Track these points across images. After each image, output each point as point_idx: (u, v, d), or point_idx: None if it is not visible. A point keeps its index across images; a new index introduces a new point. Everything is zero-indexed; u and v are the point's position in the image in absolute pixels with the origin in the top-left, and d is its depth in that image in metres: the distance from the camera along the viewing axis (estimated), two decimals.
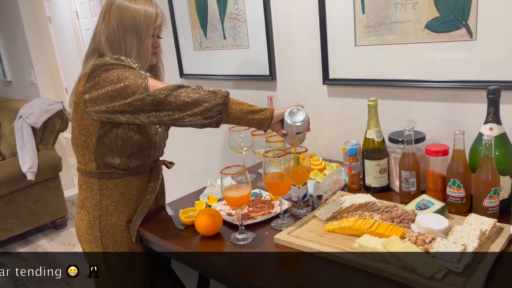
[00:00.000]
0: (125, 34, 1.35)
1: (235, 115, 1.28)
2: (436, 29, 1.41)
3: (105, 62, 1.30)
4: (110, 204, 1.43)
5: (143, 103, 1.25)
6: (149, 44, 1.39)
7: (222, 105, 1.24)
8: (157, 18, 1.39)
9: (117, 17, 1.35)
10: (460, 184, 1.24)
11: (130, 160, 1.40)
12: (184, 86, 1.27)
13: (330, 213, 1.28)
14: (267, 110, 1.29)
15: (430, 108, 1.51)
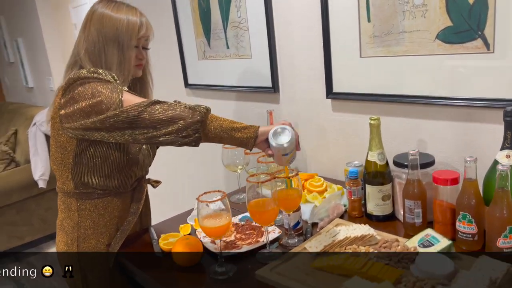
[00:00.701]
0: (106, 45, 1.26)
1: (215, 133, 1.17)
2: (448, 40, 1.25)
3: (80, 75, 1.21)
4: (89, 226, 1.34)
5: (116, 120, 1.15)
6: (132, 56, 1.30)
7: (199, 123, 1.13)
8: (141, 28, 1.29)
9: (97, 27, 1.26)
10: (471, 219, 1.07)
11: (109, 179, 1.31)
12: (160, 102, 1.16)
13: (321, 246, 1.14)
14: (251, 128, 1.17)
15: (443, 128, 1.35)
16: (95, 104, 1.17)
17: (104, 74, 1.23)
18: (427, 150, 1.39)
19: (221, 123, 1.18)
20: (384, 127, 1.45)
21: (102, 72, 1.23)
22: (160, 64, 2.49)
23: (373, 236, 1.16)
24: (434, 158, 1.27)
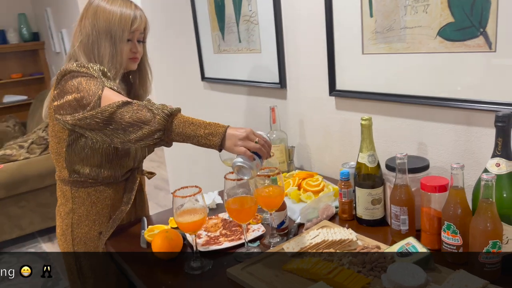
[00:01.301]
0: (99, 38, 1.28)
1: (180, 138, 1.12)
2: (449, 37, 1.17)
3: (68, 68, 1.24)
4: (83, 213, 1.38)
5: (92, 121, 1.15)
6: (124, 49, 1.30)
7: (161, 131, 1.10)
8: (134, 22, 1.30)
9: (91, 20, 1.28)
10: (456, 229, 1.00)
11: (100, 169, 1.34)
12: (131, 103, 1.14)
13: (298, 248, 1.11)
14: (217, 136, 1.09)
15: (442, 131, 1.27)
16: (79, 99, 1.18)
17: (92, 68, 1.24)
18: (427, 153, 1.31)
19: (187, 130, 1.10)
20: (384, 127, 1.40)
21: (90, 66, 1.24)
22: (179, 58, 2.52)
23: (352, 241, 1.12)
24: (428, 163, 1.20)
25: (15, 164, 3.25)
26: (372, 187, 1.23)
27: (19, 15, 5.33)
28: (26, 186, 3.24)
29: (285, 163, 1.68)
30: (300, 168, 1.81)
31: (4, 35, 5.29)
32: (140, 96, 1.48)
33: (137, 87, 1.47)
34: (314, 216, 1.32)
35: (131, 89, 1.48)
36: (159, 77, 2.84)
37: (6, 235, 3.28)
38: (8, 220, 3.27)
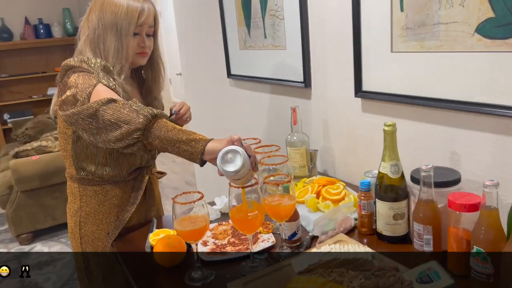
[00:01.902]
0: (105, 32, 1.23)
1: (159, 143, 1.05)
2: (489, 35, 1.02)
3: (69, 63, 1.20)
4: (90, 212, 1.35)
5: (78, 118, 1.10)
6: (130, 44, 1.25)
7: (140, 131, 1.04)
8: (142, 14, 1.24)
9: (98, 13, 1.24)
10: (486, 256, 0.87)
11: (104, 168, 1.30)
12: (114, 101, 1.08)
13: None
14: (200, 142, 1.02)
15: (479, 141, 1.12)
16: (75, 94, 1.14)
17: (92, 63, 1.20)
18: (460, 165, 1.17)
19: (169, 133, 1.04)
20: (413, 134, 1.27)
21: (91, 62, 1.20)
22: (205, 53, 2.47)
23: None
24: (459, 176, 1.07)
25: (49, 156, 3.33)
26: (394, 200, 1.11)
27: (63, 9, 5.49)
28: (59, 177, 3.30)
29: (306, 168, 1.57)
30: (323, 172, 1.70)
31: (49, 29, 5.48)
32: (152, 92, 1.43)
33: (150, 83, 1.42)
34: (330, 228, 1.21)
35: (143, 84, 1.43)
36: (188, 72, 2.80)
37: (40, 224, 3.36)
38: (42, 210, 3.36)
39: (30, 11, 5.35)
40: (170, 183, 4.31)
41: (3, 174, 3.50)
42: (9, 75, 5.29)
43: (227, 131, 2.35)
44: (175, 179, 4.45)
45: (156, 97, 1.44)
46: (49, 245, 3.32)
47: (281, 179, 1.10)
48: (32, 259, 3.13)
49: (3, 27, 5.19)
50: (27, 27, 5.33)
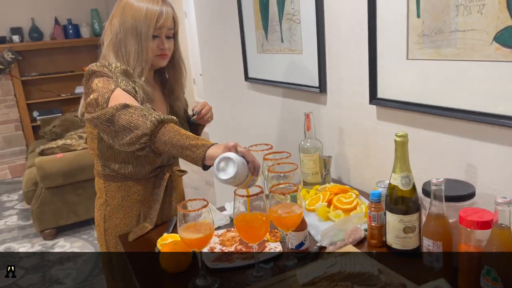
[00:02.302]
0: (126, 35, 1.27)
1: (165, 148, 1.08)
2: (508, 44, 0.98)
3: (91, 68, 1.25)
4: (114, 206, 1.41)
5: (98, 122, 1.15)
6: (150, 46, 1.29)
7: (147, 136, 1.07)
8: (160, 18, 1.27)
9: (119, 17, 1.28)
10: (496, 276, 0.84)
11: (126, 166, 1.36)
12: (129, 106, 1.11)
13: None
14: (201, 148, 1.03)
15: (497, 154, 1.08)
16: (96, 98, 1.18)
17: (112, 67, 1.23)
18: (476, 178, 1.13)
19: (173, 139, 1.06)
20: (429, 144, 1.24)
21: (111, 66, 1.24)
22: (224, 56, 2.47)
23: (373, 275, 0.98)
24: (473, 190, 1.03)
25: (73, 154, 3.41)
26: (405, 213, 1.07)
27: (91, 10, 5.61)
28: (82, 175, 3.37)
29: (319, 174, 1.55)
30: (338, 180, 1.67)
31: (78, 30, 5.60)
32: (175, 92, 1.46)
33: (172, 83, 1.45)
34: (339, 239, 1.19)
35: (165, 84, 1.47)
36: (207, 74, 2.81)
37: (63, 220, 3.45)
38: (65, 206, 3.44)
39: (60, 11, 5.48)
40: (191, 182, 4.34)
41: (30, 170, 3.61)
42: (39, 74, 5.43)
43: (244, 135, 2.35)
44: (196, 178, 4.48)
45: (179, 97, 1.47)
46: (71, 241, 3.40)
47: (289, 187, 1.09)
48: (53, 255, 3.21)
49: (34, 27, 5.34)
50: (56, 27, 5.46)
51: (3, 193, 4.62)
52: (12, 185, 4.82)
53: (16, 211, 4.11)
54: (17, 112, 5.43)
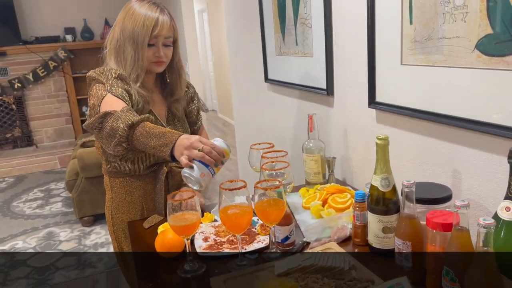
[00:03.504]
0: (125, 42, 1.34)
1: (143, 148, 1.19)
2: (487, 51, 0.99)
3: (90, 75, 1.35)
4: (120, 202, 1.51)
5: (90, 128, 1.26)
6: (145, 54, 1.35)
7: (125, 142, 1.18)
8: (155, 27, 1.33)
9: (121, 23, 1.36)
10: (454, 277, 0.86)
11: (126, 163, 1.43)
12: (111, 114, 1.21)
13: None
14: (167, 147, 1.13)
15: (479, 160, 1.09)
16: (92, 105, 1.30)
17: (107, 73, 1.32)
18: (460, 183, 1.14)
19: (144, 140, 1.16)
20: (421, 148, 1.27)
21: (107, 72, 1.32)
22: (248, 59, 2.55)
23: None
24: (450, 193, 1.05)
25: None
26: (384, 213, 1.11)
27: None
28: None
29: (320, 174, 1.60)
30: (342, 181, 1.71)
31: None
32: (174, 94, 1.53)
33: (172, 86, 1.52)
34: (325, 236, 1.24)
35: (165, 88, 1.54)
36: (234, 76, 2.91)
37: (99, 209, 3.67)
38: (102, 196, 3.64)
39: (110, 13, 5.81)
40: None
41: (73, 161, 3.87)
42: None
43: (262, 133, 2.43)
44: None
45: (177, 99, 1.54)
46: (106, 229, 3.61)
47: (273, 184, 1.15)
48: (90, 240, 3.44)
49: (86, 28, 5.69)
50: (106, 28, 5.79)
51: (51, 182, 4.98)
52: (60, 175, 5.18)
53: (61, 198, 4.42)
54: (68, 106, 5.82)
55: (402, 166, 1.35)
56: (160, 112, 1.50)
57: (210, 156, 1.11)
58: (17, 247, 3.38)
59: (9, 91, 5.44)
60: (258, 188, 1.12)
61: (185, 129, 1.56)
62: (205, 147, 1.11)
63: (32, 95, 5.63)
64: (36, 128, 5.75)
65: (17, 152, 5.54)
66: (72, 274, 2.94)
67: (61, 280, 2.88)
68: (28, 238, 3.54)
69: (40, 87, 5.63)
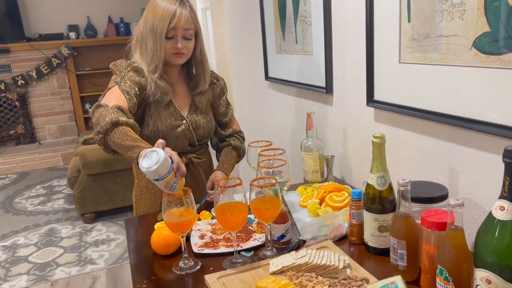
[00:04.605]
0: (147, 34, 1.39)
1: (114, 147, 1.21)
2: (484, 49, 0.99)
3: (110, 66, 1.42)
4: (143, 188, 1.56)
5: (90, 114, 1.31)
6: (163, 46, 1.38)
7: (102, 134, 1.20)
8: (173, 20, 1.36)
9: (145, 17, 1.40)
10: (448, 276, 0.86)
11: None
12: (100, 106, 1.25)
13: (280, 266, 1.05)
14: (137, 149, 1.12)
15: (473, 159, 1.08)
16: (102, 94, 1.36)
17: (122, 66, 1.37)
18: (457, 181, 1.14)
19: (120, 140, 1.16)
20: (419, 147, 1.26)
21: (121, 65, 1.38)
22: (248, 57, 2.55)
23: (338, 269, 1.02)
24: (446, 193, 1.04)
25: None
26: (380, 212, 1.10)
27: (141, 9, 5.89)
28: (120, 164, 3.59)
29: (319, 173, 1.60)
30: (341, 179, 1.71)
31: (129, 28, 5.91)
32: (198, 87, 1.54)
33: (197, 79, 1.54)
34: (322, 234, 1.24)
35: (190, 80, 1.56)
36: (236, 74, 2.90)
37: (101, 206, 3.69)
38: (104, 193, 3.68)
39: (113, 11, 5.82)
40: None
41: (75, 158, 3.88)
42: (92, 69, 5.80)
43: (263, 131, 2.42)
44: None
45: (201, 92, 1.55)
46: (108, 226, 3.63)
47: (268, 181, 1.15)
48: (91, 237, 3.45)
49: (89, 25, 5.71)
50: (109, 25, 5.81)
51: (54, 178, 5.00)
52: (63, 171, 5.19)
53: (63, 195, 4.44)
54: (71, 103, 5.84)
55: (399, 164, 1.34)
56: (182, 104, 1.52)
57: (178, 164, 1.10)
58: (18, 243, 3.40)
59: (12, 88, 5.46)
60: (254, 186, 1.12)
61: (207, 121, 1.56)
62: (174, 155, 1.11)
63: (36, 92, 5.66)
64: (39, 125, 5.78)
65: (20, 149, 5.57)
66: (73, 271, 2.95)
67: (62, 276, 2.89)
68: (30, 235, 3.56)
69: (43, 84, 5.65)
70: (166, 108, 1.47)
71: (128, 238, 1.35)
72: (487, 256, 0.81)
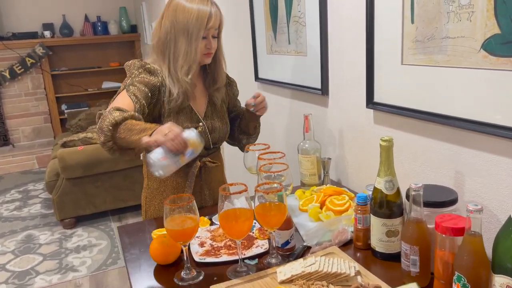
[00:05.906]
0: (177, 36, 1.35)
1: (125, 145, 1.21)
2: (495, 51, 0.98)
3: (125, 67, 1.39)
4: (153, 191, 1.53)
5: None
6: (199, 47, 1.35)
7: (111, 141, 1.20)
8: (210, 20, 1.34)
9: (171, 18, 1.35)
10: (466, 283, 0.84)
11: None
12: (103, 113, 1.23)
13: (288, 275, 1.02)
14: (146, 133, 1.13)
15: (481, 162, 1.07)
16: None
17: (132, 68, 1.35)
18: (463, 185, 1.13)
19: (126, 136, 1.17)
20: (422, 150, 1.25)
21: (134, 66, 1.35)
22: (236, 56, 2.50)
23: (349, 276, 0.99)
24: (456, 197, 1.03)
25: (93, 147, 3.52)
26: (388, 216, 1.08)
27: (120, 8, 5.76)
28: (101, 167, 3.49)
29: (316, 176, 1.57)
30: (337, 182, 1.69)
31: (106, 27, 5.76)
32: (216, 84, 1.51)
33: (214, 76, 1.51)
34: (326, 239, 1.21)
35: (206, 78, 1.52)
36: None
37: (81, 210, 3.57)
38: (84, 197, 3.56)
39: (90, 9, 5.66)
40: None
41: (53, 161, 3.75)
42: (68, 69, 5.62)
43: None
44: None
45: (218, 89, 1.52)
46: (89, 231, 3.51)
47: (274, 187, 1.11)
48: (71, 243, 3.33)
49: (65, 24, 5.53)
50: (86, 24, 5.64)
51: (29, 182, 4.82)
52: (39, 175, 5.02)
53: (40, 200, 4.28)
54: (46, 104, 5.64)
55: (401, 167, 1.33)
56: (199, 107, 1.49)
57: (172, 142, 1.08)
58: None
59: None
60: (259, 192, 1.08)
61: (224, 123, 1.54)
62: (169, 133, 1.09)
63: (9, 93, 5.44)
64: (13, 127, 5.56)
65: None
66: (54, 279, 2.84)
67: (42, 285, 2.78)
68: (7, 242, 3.41)
69: (17, 84, 5.44)
70: (184, 111, 1.44)
71: (123, 246, 1.29)
72: (507, 262, 0.80)
